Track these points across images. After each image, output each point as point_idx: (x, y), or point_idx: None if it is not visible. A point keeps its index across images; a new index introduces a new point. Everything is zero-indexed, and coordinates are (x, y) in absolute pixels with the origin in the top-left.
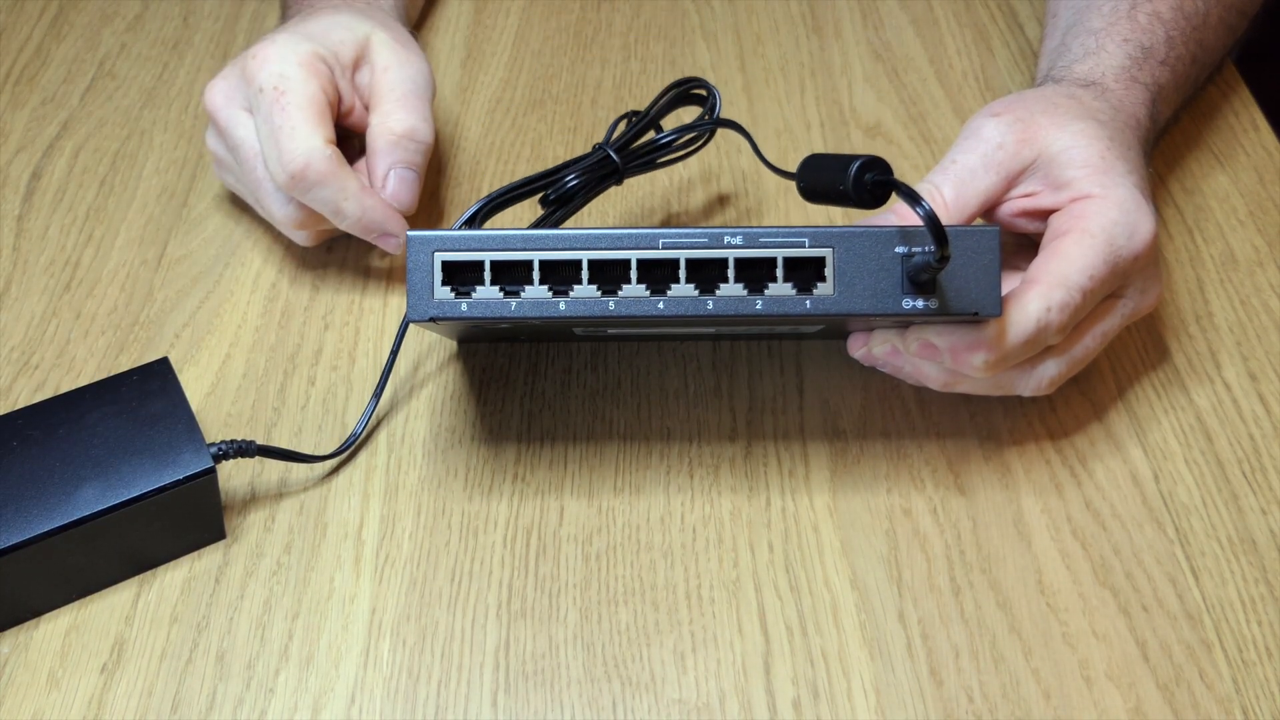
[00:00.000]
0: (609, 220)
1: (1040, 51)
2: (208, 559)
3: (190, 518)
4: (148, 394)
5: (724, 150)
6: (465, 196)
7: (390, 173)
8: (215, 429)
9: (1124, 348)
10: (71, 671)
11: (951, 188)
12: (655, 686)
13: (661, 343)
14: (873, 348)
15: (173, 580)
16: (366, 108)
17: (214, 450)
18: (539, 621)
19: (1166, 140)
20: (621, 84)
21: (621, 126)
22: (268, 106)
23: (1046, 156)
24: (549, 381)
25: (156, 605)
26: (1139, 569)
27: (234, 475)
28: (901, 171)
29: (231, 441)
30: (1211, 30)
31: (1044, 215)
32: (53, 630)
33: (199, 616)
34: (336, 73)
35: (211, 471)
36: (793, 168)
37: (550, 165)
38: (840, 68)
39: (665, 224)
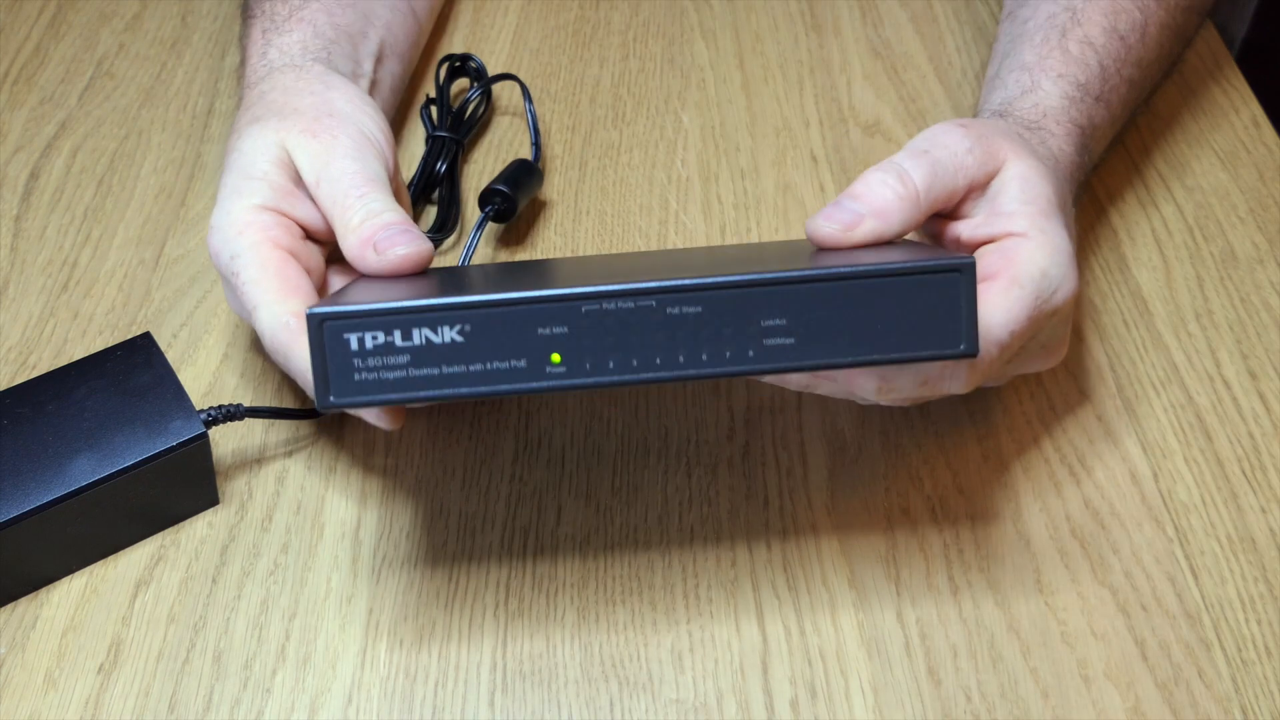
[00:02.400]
0: (607, 218)
1: (984, 77)
2: (205, 559)
3: (184, 484)
4: (133, 367)
5: (722, 149)
6: (464, 196)
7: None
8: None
9: (1123, 346)
10: (68, 672)
11: (924, 179)
12: (653, 686)
13: None
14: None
15: (170, 580)
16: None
17: (204, 416)
18: (536, 621)
19: (1166, 136)
20: (620, 82)
21: (434, 111)
22: (237, 290)
23: (1001, 181)
24: None
25: (153, 606)
26: (1138, 568)
27: (231, 476)
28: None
29: (220, 406)
30: (1152, 44)
31: (974, 245)
32: (50, 631)
33: (196, 617)
34: (286, 205)
35: (204, 436)
36: (792, 168)
37: (546, 164)
38: (839, 65)
39: (663, 224)
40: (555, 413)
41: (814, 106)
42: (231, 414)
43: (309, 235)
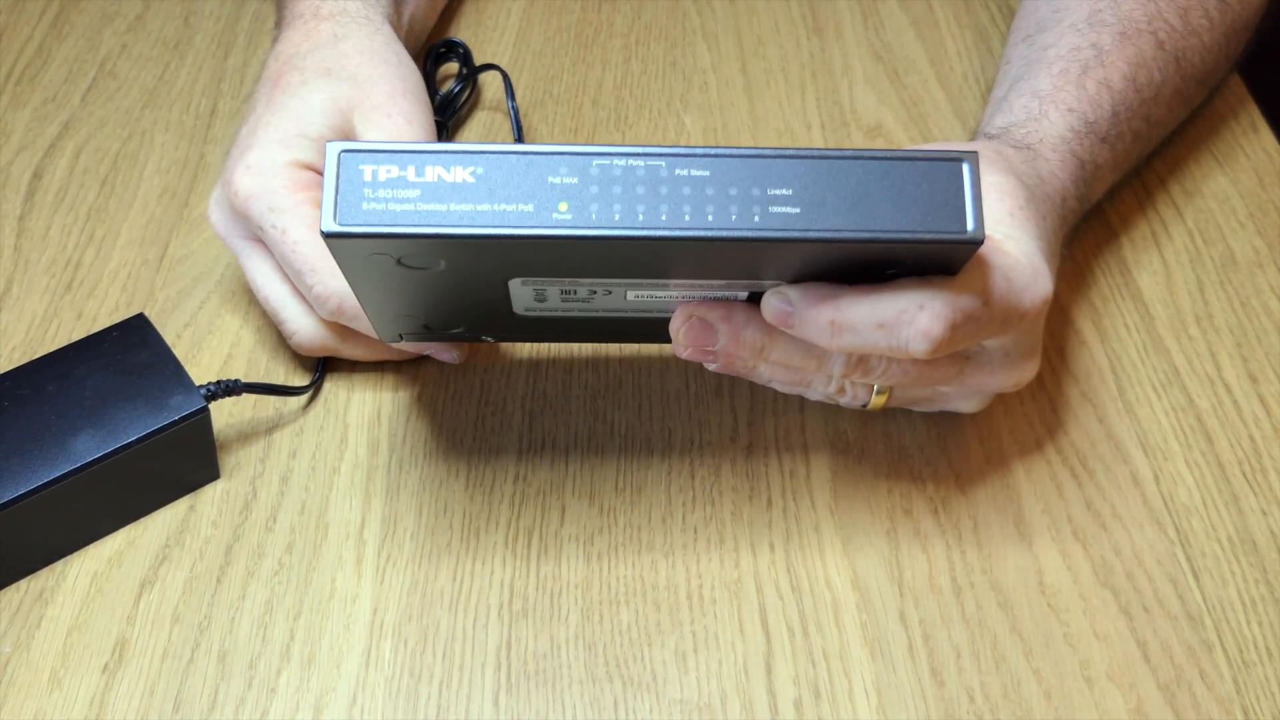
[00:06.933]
0: None
1: (989, 97)
2: (209, 559)
3: (185, 458)
4: (130, 346)
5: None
6: None
7: None
8: (217, 428)
9: (1124, 348)
10: (73, 671)
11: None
12: (657, 686)
13: (663, 344)
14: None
15: (174, 580)
16: None
17: (203, 391)
18: (540, 621)
19: (1166, 141)
20: (622, 85)
21: None
22: (278, 248)
23: None
24: (550, 382)
25: (158, 605)
26: (1139, 569)
27: (235, 473)
28: None
29: (219, 382)
30: (1164, 104)
31: None
32: (55, 630)
33: (201, 616)
34: None
35: (204, 411)
36: None
37: None
38: (841, 69)
39: None
40: (559, 413)
41: (816, 110)
42: (230, 389)
43: None
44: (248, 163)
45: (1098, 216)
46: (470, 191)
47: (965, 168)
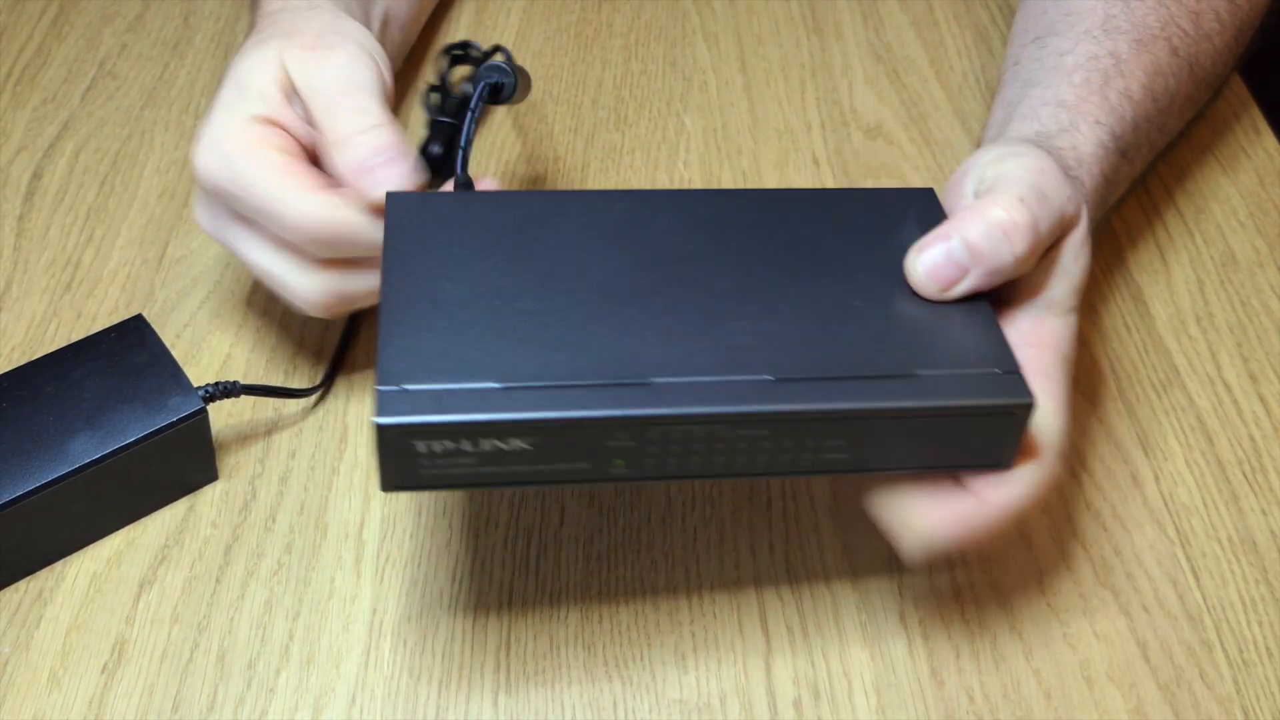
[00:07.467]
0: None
1: (996, 98)
2: (208, 559)
3: (183, 460)
4: (128, 347)
5: (724, 151)
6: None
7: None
8: (216, 429)
9: (1124, 349)
10: (72, 671)
11: (1049, 230)
12: (656, 687)
13: None
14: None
15: (174, 580)
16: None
17: (201, 393)
18: (540, 622)
19: (1169, 145)
20: (622, 84)
21: (434, 98)
22: (246, 200)
23: (1068, 246)
24: None
25: (157, 605)
26: (1140, 569)
27: (234, 473)
28: (903, 173)
29: (217, 383)
30: (1176, 112)
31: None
32: (54, 630)
33: (200, 616)
34: (282, 118)
35: (202, 412)
36: (794, 170)
37: (549, 165)
38: (841, 68)
39: None
40: None
41: (815, 109)
42: (229, 390)
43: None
44: (202, 142)
45: None
46: (527, 456)
47: (1014, 421)
